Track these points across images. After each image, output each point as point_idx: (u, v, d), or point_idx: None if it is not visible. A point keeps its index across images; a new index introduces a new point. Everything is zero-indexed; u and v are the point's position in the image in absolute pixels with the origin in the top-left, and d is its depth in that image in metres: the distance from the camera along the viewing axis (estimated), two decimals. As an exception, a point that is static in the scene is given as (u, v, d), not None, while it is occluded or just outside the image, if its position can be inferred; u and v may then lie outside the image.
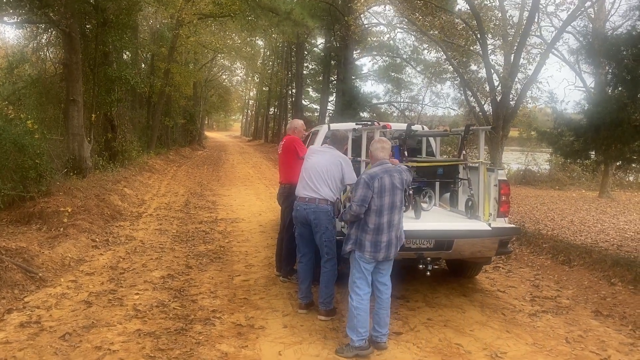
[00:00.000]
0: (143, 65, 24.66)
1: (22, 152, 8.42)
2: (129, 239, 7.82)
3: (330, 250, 4.81)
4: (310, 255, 5.05)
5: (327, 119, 27.01)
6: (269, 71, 45.24)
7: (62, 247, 6.66)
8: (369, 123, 5.77)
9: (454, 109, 26.64)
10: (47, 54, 15.84)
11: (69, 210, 8.07)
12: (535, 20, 14.47)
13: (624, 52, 6.51)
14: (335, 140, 5.09)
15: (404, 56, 28.66)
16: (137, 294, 5.32)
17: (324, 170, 4.84)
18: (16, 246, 6.01)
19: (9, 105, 13.41)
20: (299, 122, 6.28)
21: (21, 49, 16.71)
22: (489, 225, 4.89)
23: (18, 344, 4.01)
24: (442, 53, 17.27)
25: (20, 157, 8.43)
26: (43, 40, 15.57)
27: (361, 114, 23.25)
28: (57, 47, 14.73)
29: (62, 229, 7.50)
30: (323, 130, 6.81)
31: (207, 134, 62.38)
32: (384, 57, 29.76)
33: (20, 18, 11.80)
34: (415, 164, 5.34)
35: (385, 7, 20.95)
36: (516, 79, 15.18)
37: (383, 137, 4.69)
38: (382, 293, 4.18)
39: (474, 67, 19.27)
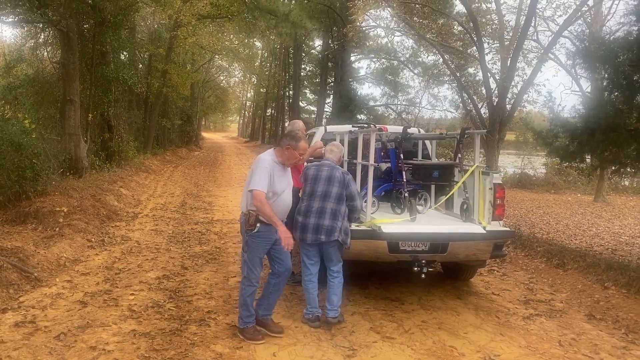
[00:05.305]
0: (140, 66, 24.64)
1: (19, 151, 8.40)
2: (125, 240, 7.82)
3: (242, 270, 4.41)
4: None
5: (324, 120, 27.07)
6: (266, 73, 45.28)
7: (57, 247, 6.65)
8: (365, 125, 5.79)
9: (451, 112, 26.74)
10: (45, 54, 15.85)
11: (65, 210, 8.05)
12: (532, 24, 14.53)
13: (620, 57, 6.52)
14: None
15: (402, 59, 28.76)
16: (132, 294, 5.32)
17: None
18: (11, 246, 6.00)
19: (5, 105, 13.42)
20: (299, 124, 5.91)
21: (19, 48, 16.74)
22: (484, 228, 4.92)
23: (13, 343, 4.01)
24: (440, 56, 17.33)
25: (17, 157, 8.41)
26: (40, 40, 15.57)
27: (358, 116, 23.30)
28: (55, 46, 14.73)
29: (57, 229, 7.47)
30: (319, 132, 6.84)
31: (204, 134, 62.37)
32: (381, 60, 29.82)
33: (18, 17, 11.82)
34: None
35: (381, 10, 20.99)
36: (513, 83, 15.25)
37: (336, 142, 5.18)
38: (332, 278, 4.63)
39: (471, 70, 19.35)
